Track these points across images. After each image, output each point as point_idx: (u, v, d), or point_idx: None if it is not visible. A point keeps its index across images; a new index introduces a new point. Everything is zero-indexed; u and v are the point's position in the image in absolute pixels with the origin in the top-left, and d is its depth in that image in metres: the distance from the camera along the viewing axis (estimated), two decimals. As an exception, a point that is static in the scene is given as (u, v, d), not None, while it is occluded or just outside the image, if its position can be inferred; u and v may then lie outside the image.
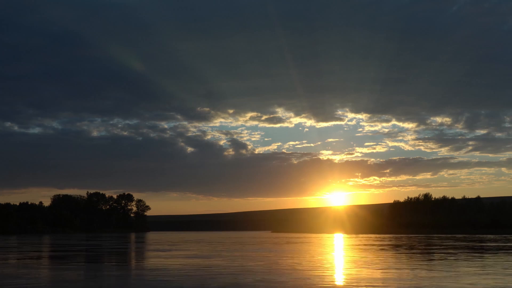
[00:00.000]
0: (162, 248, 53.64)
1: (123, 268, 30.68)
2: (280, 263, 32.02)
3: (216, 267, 28.63)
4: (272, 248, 52.42)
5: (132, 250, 52.47)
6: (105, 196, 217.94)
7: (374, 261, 33.19)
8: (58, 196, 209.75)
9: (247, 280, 22.13)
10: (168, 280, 22.53)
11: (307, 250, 47.67)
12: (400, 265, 29.85)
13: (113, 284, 22.13)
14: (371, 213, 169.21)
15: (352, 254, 41.32)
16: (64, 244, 69.74)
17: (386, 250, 46.88)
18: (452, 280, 22.22)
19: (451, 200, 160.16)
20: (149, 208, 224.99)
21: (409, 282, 21.39)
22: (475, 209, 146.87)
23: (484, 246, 54.04)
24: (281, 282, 21.53)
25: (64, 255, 44.10)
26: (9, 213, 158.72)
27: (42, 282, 22.20)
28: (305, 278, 22.94)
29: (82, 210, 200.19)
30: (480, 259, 34.98)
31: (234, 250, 48.52)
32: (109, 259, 39.49)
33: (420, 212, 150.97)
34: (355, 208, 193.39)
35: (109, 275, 25.67)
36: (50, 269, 29.47)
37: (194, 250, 49.06)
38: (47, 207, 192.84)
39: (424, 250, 46.64)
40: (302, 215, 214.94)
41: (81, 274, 26.35)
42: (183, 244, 67.61)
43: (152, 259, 37.78)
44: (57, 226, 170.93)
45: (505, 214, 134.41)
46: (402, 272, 25.68)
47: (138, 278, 24.26)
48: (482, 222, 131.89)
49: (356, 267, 28.61)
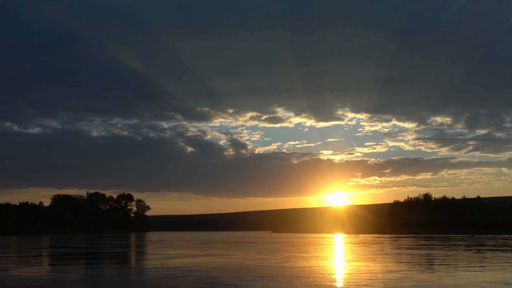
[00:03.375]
0: (164, 248, 53.62)
1: (125, 268, 30.63)
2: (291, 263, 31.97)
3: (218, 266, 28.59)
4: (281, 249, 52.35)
5: (145, 252, 52.39)
6: (105, 196, 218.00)
7: (374, 257, 33.17)
8: (58, 196, 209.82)
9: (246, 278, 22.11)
10: (168, 280, 22.52)
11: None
12: (401, 266, 29.81)
13: (113, 284, 22.10)
14: (371, 213, 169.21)
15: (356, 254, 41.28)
16: (63, 245, 69.64)
17: (385, 250, 46.83)
18: (451, 277, 22.22)
19: (451, 200, 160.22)
20: (149, 208, 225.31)
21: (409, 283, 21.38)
22: (475, 209, 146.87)
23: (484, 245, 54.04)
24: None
25: (64, 255, 44.06)
26: (9, 213, 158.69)
27: (42, 282, 22.17)
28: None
29: (82, 210, 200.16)
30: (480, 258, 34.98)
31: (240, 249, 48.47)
32: (109, 259, 39.46)
33: (420, 212, 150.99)
34: (355, 208, 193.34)
35: (108, 275, 25.63)
36: (51, 269, 29.44)
37: (200, 251, 48.99)
38: (47, 207, 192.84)
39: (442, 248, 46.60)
40: (302, 215, 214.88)
41: (80, 274, 26.31)
42: (185, 244, 67.56)
43: (152, 259, 37.74)
44: (57, 226, 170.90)
45: (505, 214, 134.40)
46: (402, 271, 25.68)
47: (139, 278, 24.23)
48: (482, 222, 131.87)
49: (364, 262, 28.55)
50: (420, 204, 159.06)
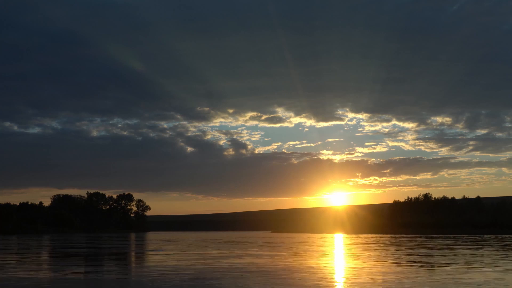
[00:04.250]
0: (164, 248, 53.65)
1: (126, 269, 30.62)
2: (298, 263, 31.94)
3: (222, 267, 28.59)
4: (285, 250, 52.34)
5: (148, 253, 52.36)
6: (105, 196, 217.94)
7: (372, 255, 33.15)
8: (58, 196, 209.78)
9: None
10: (168, 281, 22.52)
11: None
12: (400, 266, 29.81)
13: (113, 284, 22.10)
14: (371, 213, 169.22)
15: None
16: (64, 245, 69.65)
17: (387, 250, 46.83)
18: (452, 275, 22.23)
19: (451, 200, 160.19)
20: (149, 208, 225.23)
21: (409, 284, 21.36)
22: (475, 209, 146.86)
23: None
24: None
25: (64, 255, 44.04)
26: (9, 213, 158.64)
27: (43, 282, 22.16)
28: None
29: (82, 210, 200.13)
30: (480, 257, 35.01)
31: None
32: (109, 259, 39.45)
33: (420, 212, 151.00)
34: (355, 208, 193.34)
35: (109, 276, 25.63)
36: (50, 269, 29.43)
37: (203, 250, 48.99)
38: (47, 207, 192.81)
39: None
40: (302, 215, 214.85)
41: (81, 274, 26.30)
42: (186, 244, 67.55)
43: (153, 260, 37.74)
44: (57, 226, 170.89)
45: (505, 214, 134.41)
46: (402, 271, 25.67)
47: (139, 279, 24.24)
48: (482, 222, 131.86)
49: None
50: (420, 204, 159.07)
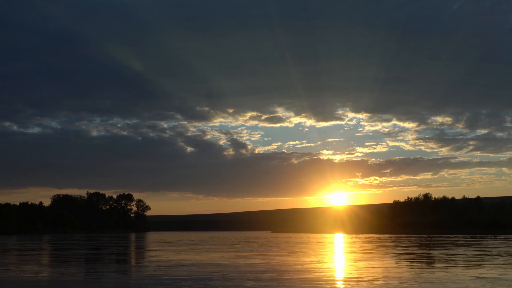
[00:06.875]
0: (165, 249, 53.63)
1: (126, 269, 30.59)
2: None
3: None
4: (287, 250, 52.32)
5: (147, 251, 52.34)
6: (105, 196, 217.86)
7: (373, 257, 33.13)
8: (58, 196, 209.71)
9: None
10: (168, 281, 22.48)
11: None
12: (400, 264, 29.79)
13: (113, 284, 22.08)
14: (371, 213, 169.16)
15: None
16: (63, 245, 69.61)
17: (386, 249, 46.82)
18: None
19: (451, 200, 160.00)
20: (149, 208, 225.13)
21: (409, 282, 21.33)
22: (475, 209, 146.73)
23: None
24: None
25: (65, 256, 44.02)
26: (9, 213, 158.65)
27: (43, 282, 22.14)
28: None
29: (82, 210, 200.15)
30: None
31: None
32: (109, 260, 39.43)
33: (420, 212, 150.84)
34: (356, 208, 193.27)
35: (108, 276, 25.61)
36: (50, 269, 29.41)
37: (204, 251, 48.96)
38: (47, 207, 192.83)
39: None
40: (302, 215, 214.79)
41: (80, 274, 26.27)
42: (187, 244, 67.53)
43: (154, 260, 37.72)
44: (57, 226, 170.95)
45: (505, 214, 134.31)
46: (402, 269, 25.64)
47: (139, 279, 24.21)
48: (482, 222, 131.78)
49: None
50: (420, 204, 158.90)
